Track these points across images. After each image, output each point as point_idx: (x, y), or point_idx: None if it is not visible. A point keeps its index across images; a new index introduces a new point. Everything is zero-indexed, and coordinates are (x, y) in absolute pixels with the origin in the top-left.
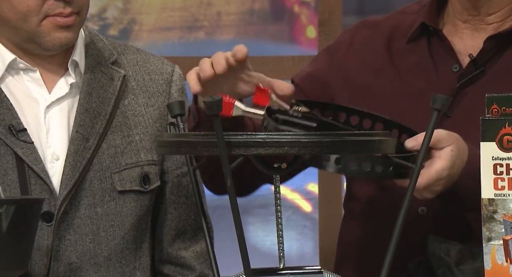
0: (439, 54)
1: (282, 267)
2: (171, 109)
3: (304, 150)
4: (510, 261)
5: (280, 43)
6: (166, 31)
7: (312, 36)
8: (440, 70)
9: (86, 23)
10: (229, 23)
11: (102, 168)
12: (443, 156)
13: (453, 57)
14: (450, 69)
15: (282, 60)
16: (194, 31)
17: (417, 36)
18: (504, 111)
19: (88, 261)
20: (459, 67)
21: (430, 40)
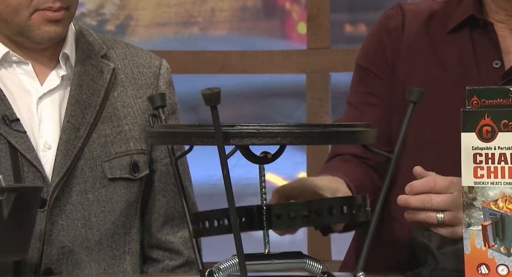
0: (482, 48)
1: (266, 253)
2: (153, 101)
3: (296, 141)
4: (488, 245)
5: (272, 39)
6: (161, 26)
7: (303, 32)
8: (480, 64)
9: (84, 19)
10: (223, 19)
11: (92, 156)
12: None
13: (497, 52)
14: (490, 64)
15: (272, 54)
16: (188, 27)
17: (459, 27)
18: (483, 103)
19: (80, 245)
20: (501, 63)
21: (472, 32)
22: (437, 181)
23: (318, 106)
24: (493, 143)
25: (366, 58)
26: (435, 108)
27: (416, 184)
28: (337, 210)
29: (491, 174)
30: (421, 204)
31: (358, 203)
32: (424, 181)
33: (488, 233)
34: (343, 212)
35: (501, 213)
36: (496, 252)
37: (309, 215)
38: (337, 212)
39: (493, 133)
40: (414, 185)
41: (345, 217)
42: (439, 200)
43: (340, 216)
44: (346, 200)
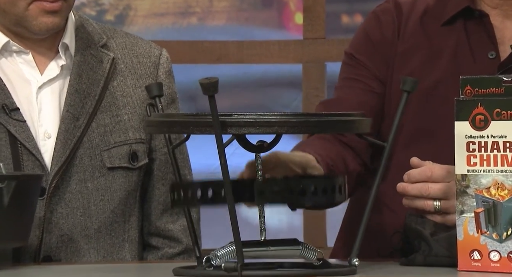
0: (477, 39)
1: (263, 240)
2: (150, 91)
3: (293, 130)
4: (480, 232)
5: (270, 29)
6: (160, 16)
7: (300, 23)
8: (476, 55)
9: (83, 9)
10: (221, 9)
11: (92, 145)
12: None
13: (493, 43)
14: (486, 55)
15: (269, 44)
16: (187, 17)
17: (453, 19)
18: (477, 92)
19: (79, 233)
20: (496, 54)
21: (467, 23)
22: (434, 170)
23: (314, 96)
24: (486, 131)
25: (354, 47)
26: (431, 99)
27: (413, 173)
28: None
29: (484, 162)
30: (418, 192)
31: (339, 184)
32: (421, 171)
33: (481, 220)
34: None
35: (494, 200)
36: (488, 239)
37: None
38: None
39: (486, 122)
40: (411, 174)
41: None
42: (436, 189)
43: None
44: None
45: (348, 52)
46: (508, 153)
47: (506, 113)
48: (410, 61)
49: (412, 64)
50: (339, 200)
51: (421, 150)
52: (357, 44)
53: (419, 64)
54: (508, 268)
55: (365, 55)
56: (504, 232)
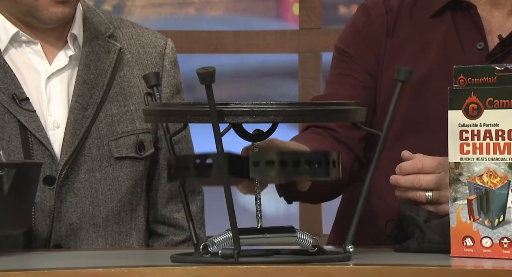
0: (465, 30)
1: (259, 227)
2: (147, 80)
3: (289, 119)
4: (473, 218)
5: (267, 19)
6: (157, 6)
7: (297, 13)
8: (464, 46)
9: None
10: (218, 0)
11: (99, 135)
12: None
13: (480, 34)
14: (474, 46)
15: (265, 34)
16: (184, 7)
17: (441, 11)
18: (470, 81)
19: (88, 221)
20: (484, 44)
21: (455, 15)
22: (424, 162)
23: (310, 85)
24: (479, 120)
25: (344, 41)
26: (421, 92)
27: (405, 166)
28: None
29: (477, 150)
30: (410, 184)
31: (333, 159)
32: (412, 163)
33: (473, 207)
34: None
35: (486, 188)
36: (480, 225)
37: (286, 164)
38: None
39: (479, 111)
40: (403, 167)
41: (320, 172)
42: (427, 180)
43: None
44: (323, 154)
45: (338, 46)
46: (501, 141)
47: (499, 102)
48: (400, 55)
49: (402, 57)
50: (332, 175)
51: (412, 142)
52: (347, 38)
53: (409, 57)
54: (499, 254)
55: (355, 50)
56: (496, 219)
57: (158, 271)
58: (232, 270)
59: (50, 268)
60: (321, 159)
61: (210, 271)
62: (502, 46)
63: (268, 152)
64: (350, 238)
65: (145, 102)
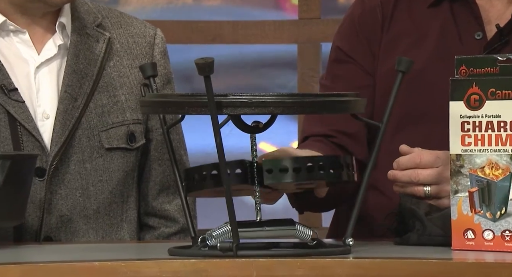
0: (463, 20)
1: (258, 220)
2: (144, 71)
3: (288, 110)
4: (474, 211)
5: (266, 9)
6: None
7: (296, 3)
8: (462, 36)
9: None
10: None
11: (90, 126)
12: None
13: (479, 23)
14: (472, 36)
15: (264, 24)
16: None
17: (439, 0)
18: (472, 72)
19: (78, 213)
20: (482, 34)
21: (453, 5)
22: (422, 157)
23: (309, 76)
24: (481, 111)
25: (341, 37)
26: (419, 84)
27: (402, 161)
28: (327, 168)
29: (478, 142)
30: (408, 179)
31: (347, 162)
32: (410, 157)
33: (475, 199)
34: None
35: (488, 180)
36: (482, 218)
37: (300, 169)
38: (327, 169)
39: (480, 102)
40: (401, 162)
41: (333, 176)
42: (425, 175)
43: (329, 173)
44: (335, 158)
45: (335, 44)
46: (503, 133)
47: (501, 93)
48: (397, 47)
49: (399, 49)
50: (348, 178)
51: (411, 135)
52: (344, 33)
53: (405, 49)
54: (501, 246)
55: (351, 47)
56: (498, 211)
57: (155, 264)
58: (231, 264)
59: (45, 262)
60: (335, 163)
61: (208, 264)
62: (500, 35)
63: (281, 158)
64: (350, 231)
65: (141, 93)
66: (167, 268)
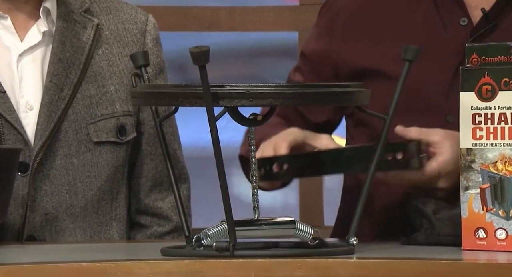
0: (446, 7)
1: (256, 218)
2: (135, 60)
3: (288, 102)
4: (486, 209)
5: None
6: None
7: None
8: (447, 25)
9: None
10: None
11: (77, 118)
12: (443, 151)
13: (462, 9)
14: (457, 22)
15: (263, 11)
16: None
17: None
18: (483, 61)
19: (65, 211)
20: (468, 20)
21: None
22: (422, 129)
23: None
24: (493, 102)
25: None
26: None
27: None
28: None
29: (491, 135)
30: (418, 134)
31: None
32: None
33: (487, 196)
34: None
35: (500, 176)
36: (494, 216)
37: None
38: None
39: (493, 92)
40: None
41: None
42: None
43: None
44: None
45: (302, 52)
46: None
47: None
48: (380, 40)
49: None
50: (413, 166)
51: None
52: (313, 41)
53: (389, 41)
54: None
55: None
56: (511, 209)
57: (147, 265)
58: (227, 264)
59: (29, 262)
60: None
61: (204, 265)
62: (486, 20)
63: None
64: (353, 229)
65: (132, 84)
66: (159, 269)
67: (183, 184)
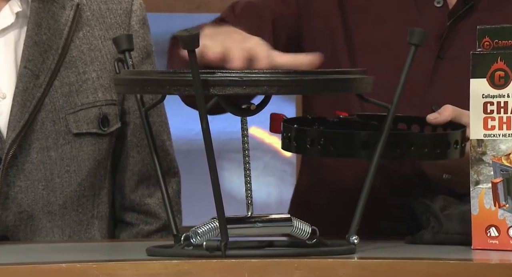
0: None
1: (250, 215)
2: (118, 44)
3: (285, 90)
4: (498, 205)
5: None
6: None
7: None
8: (422, 8)
9: None
10: None
11: (55, 108)
12: None
13: None
14: (431, 4)
15: None
16: None
17: None
18: (496, 45)
19: (41, 209)
20: (443, 2)
21: None
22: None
23: None
24: (507, 90)
25: None
26: (381, 64)
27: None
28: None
29: (503, 125)
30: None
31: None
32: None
33: (499, 191)
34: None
35: None
36: (507, 213)
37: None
38: None
39: (506, 79)
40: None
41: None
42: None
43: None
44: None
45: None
46: None
47: None
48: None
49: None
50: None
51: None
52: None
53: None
54: None
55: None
56: None
57: (131, 266)
58: (219, 265)
59: (2, 264)
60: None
61: (193, 266)
62: (464, 0)
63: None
64: (354, 227)
65: (115, 70)
66: (145, 271)
67: (172, 179)
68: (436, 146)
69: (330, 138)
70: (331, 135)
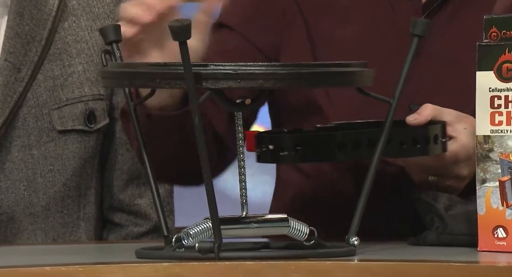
0: None
1: (244, 216)
2: (105, 35)
3: (281, 83)
4: (506, 204)
5: None
6: None
7: None
8: (393, 2)
9: None
10: None
11: (38, 103)
12: (458, 134)
13: None
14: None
15: None
16: None
17: None
18: (504, 35)
19: (23, 211)
20: None
21: None
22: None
23: None
24: None
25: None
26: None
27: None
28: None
29: (511, 121)
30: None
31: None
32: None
33: (507, 190)
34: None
35: None
36: None
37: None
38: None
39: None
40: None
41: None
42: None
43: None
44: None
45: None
46: None
47: None
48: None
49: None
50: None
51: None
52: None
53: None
54: None
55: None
56: None
57: (119, 269)
58: (212, 267)
59: None
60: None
61: (185, 268)
62: None
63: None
64: (354, 228)
65: (102, 63)
66: (134, 274)
67: None
68: (415, 141)
69: (304, 142)
70: (305, 139)
